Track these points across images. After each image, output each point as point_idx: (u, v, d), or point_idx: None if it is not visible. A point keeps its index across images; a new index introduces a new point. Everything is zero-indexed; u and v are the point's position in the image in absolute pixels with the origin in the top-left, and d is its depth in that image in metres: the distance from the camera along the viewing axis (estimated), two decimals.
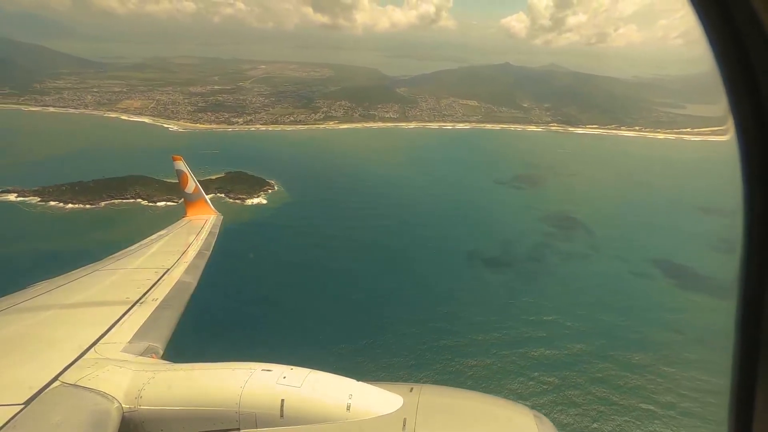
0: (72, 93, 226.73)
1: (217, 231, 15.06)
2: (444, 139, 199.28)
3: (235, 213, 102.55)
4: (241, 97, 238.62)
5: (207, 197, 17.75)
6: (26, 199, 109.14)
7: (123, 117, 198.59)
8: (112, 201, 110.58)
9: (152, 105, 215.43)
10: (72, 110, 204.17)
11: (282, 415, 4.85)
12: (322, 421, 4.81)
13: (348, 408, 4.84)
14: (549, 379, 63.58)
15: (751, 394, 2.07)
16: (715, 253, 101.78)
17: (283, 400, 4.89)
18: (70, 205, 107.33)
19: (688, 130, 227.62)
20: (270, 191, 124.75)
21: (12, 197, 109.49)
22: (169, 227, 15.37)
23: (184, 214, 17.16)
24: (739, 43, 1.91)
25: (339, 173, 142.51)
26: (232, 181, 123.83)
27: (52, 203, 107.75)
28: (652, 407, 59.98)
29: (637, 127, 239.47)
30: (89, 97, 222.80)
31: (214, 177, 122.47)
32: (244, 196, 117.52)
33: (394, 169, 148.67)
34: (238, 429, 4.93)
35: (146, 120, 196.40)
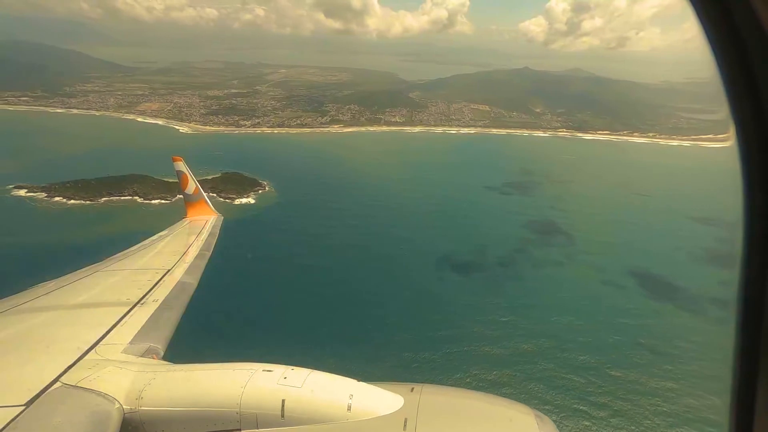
0: (97, 96, 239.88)
1: (218, 232, 15.12)
2: (444, 144, 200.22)
3: (222, 211, 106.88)
4: (254, 101, 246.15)
5: (207, 198, 17.89)
6: (34, 194, 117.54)
7: (139, 119, 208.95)
8: (111, 198, 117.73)
9: (169, 107, 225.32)
10: (94, 112, 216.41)
11: (283, 416, 4.88)
12: (323, 421, 4.83)
13: (349, 408, 4.87)
14: (487, 377, 64.71)
15: (751, 395, 2.09)
16: (698, 264, 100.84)
17: (284, 401, 4.92)
18: (71, 201, 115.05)
19: (710, 135, 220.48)
20: (260, 191, 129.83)
21: (22, 193, 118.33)
22: (170, 228, 15.37)
23: (184, 215, 17.27)
24: (738, 42, 1.92)
25: (330, 175, 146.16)
26: (226, 181, 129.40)
27: (57, 199, 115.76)
28: (584, 407, 60.61)
29: (650, 134, 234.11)
30: (112, 99, 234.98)
31: (210, 177, 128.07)
32: (234, 196, 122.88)
33: (386, 172, 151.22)
34: (239, 429, 4.95)
35: (160, 122, 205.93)
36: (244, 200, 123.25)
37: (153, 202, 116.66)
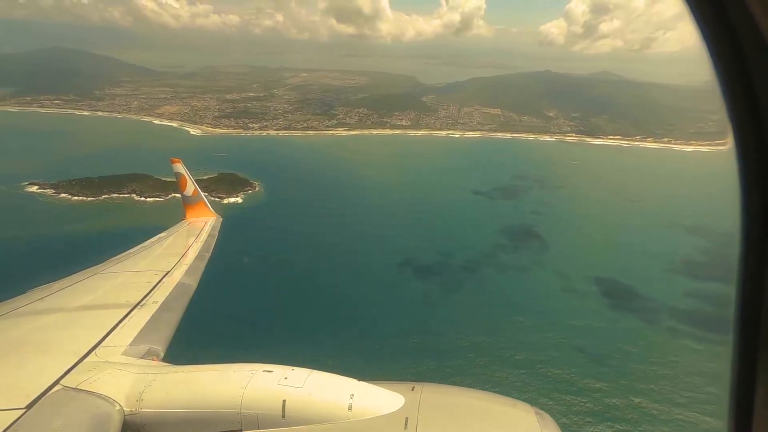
0: (122, 99, 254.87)
1: (217, 233, 15.23)
2: (444, 148, 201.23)
3: None
4: (268, 104, 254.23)
5: (206, 200, 18.00)
6: (44, 191, 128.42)
7: (156, 121, 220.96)
8: (111, 195, 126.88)
9: (186, 110, 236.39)
10: (116, 115, 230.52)
11: (284, 416, 4.91)
12: (323, 421, 4.86)
13: (350, 408, 4.90)
14: (416, 369, 66.15)
15: (750, 395, 2.11)
16: (670, 274, 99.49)
17: (284, 401, 4.95)
18: (75, 198, 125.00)
19: None
20: (250, 191, 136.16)
21: (34, 189, 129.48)
22: (169, 230, 15.46)
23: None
24: (734, 42, 1.92)
25: (321, 176, 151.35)
26: (220, 181, 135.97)
27: (62, 195, 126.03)
28: None
29: (666, 139, 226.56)
30: (135, 102, 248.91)
31: (206, 177, 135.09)
32: (223, 195, 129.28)
33: (377, 174, 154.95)
34: (240, 430, 4.98)
35: (174, 124, 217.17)
36: (232, 200, 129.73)
37: (148, 200, 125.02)
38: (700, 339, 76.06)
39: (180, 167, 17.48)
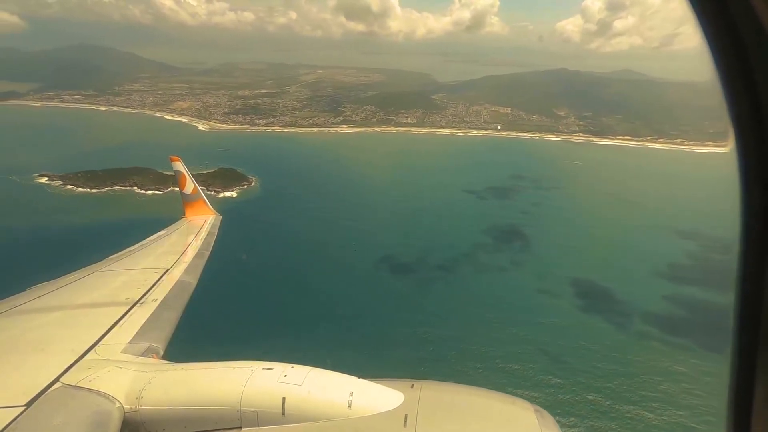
0: (139, 95, 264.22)
1: (216, 231, 15.24)
2: (446, 146, 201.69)
3: None
4: (277, 101, 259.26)
5: (205, 197, 17.87)
6: (52, 182, 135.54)
7: (167, 117, 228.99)
8: (113, 187, 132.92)
9: (197, 106, 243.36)
10: (131, 110, 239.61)
11: (283, 413, 4.92)
12: (323, 418, 4.87)
13: (349, 405, 4.92)
14: (381, 357, 66.38)
15: (749, 394, 2.12)
16: (653, 278, 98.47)
17: (284, 398, 4.96)
18: (79, 189, 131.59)
19: None
20: (246, 186, 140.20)
21: (44, 180, 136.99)
22: (168, 227, 15.46)
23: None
24: (735, 38, 1.90)
25: (315, 173, 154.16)
26: (217, 177, 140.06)
27: (68, 186, 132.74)
28: None
29: (678, 140, 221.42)
30: (151, 98, 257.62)
31: (204, 172, 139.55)
32: (219, 189, 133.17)
33: (371, 172, 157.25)
34: (240, 428, 5.00)
35: (184, 120, 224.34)
36: (227, 194, 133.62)
37: (147, 192, 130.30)
38: (667, 342, 76.00)
39: (179, 165, 17.38)
